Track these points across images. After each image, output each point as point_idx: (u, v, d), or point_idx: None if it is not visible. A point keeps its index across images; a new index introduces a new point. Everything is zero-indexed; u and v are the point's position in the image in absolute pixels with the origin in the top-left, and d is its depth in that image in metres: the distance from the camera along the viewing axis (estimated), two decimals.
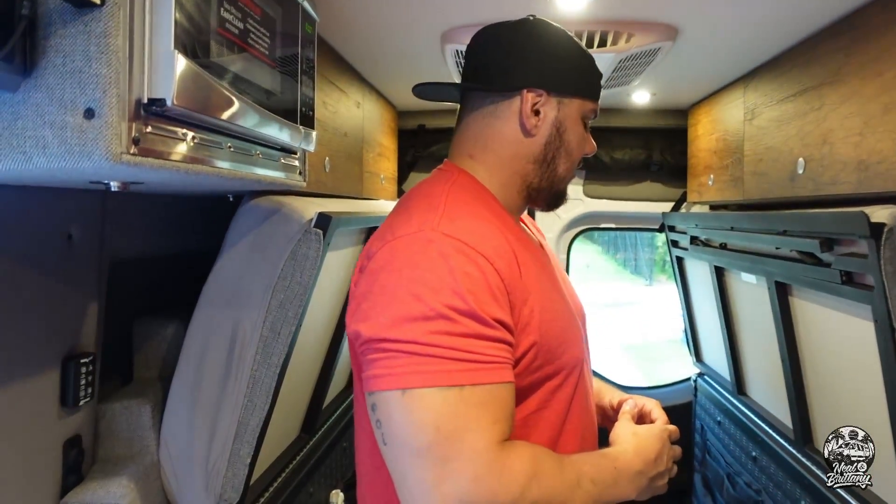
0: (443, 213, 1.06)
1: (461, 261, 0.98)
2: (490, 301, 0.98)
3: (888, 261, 1.51)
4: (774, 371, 2.48)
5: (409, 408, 0.94)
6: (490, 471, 0.92)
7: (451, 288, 0.96)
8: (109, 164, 0.80)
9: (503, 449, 0.95)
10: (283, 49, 1.29)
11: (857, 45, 1.68)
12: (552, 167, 1.21)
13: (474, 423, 0.94)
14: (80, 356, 1.42)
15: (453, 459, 0.92)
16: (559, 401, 1.13)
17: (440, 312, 0.95)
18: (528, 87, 1.18)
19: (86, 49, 0.79)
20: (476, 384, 0.95)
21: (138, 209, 1.64)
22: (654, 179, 3.48)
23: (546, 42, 1.21)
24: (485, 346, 0.97)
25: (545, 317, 1.08)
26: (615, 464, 1.10)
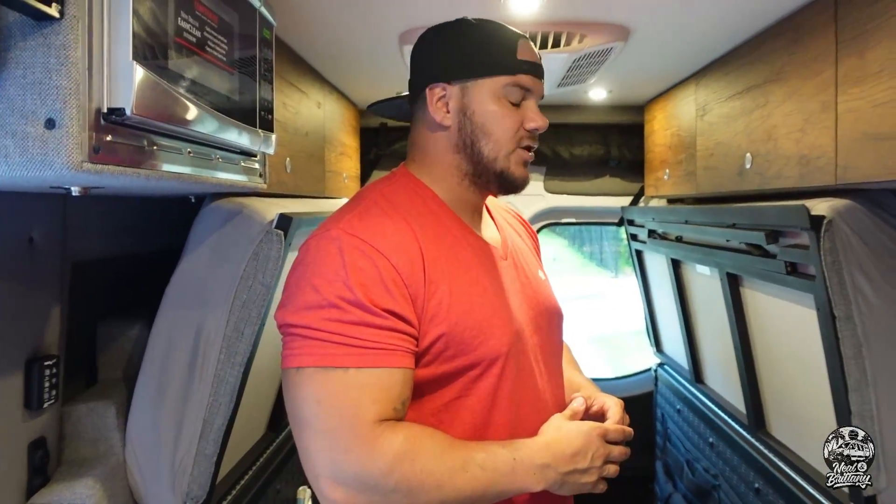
0: (356, 213, 1.18)
1: (356, 256, 1.09)
2: (382, 293, 1.08)
3: (828, 251, 1.58)
4: (728, 359, 2.57)
5: (299, 384, 1.07)
6: (361, 444, 1.03)
7: (342, 280, 1.07)
8: (70, 172, 0.82)
9: (378, 426, 1.04)
10: (240, 54, 1.31)
11: (798, 45, 1.75)
12: (475, 150, 1.24)
13: (353, 402, 1.04)
14: (44, 358, 1.42)
15: (329, 431, 1.04)
16: (481, 390, 1.17)
17: (331, 302, 1.06)
18: (429, 85, 1.25)
19: (45, 61, 0.81)
20: (360, 367, 1.06)
21: (100, 211, 1.65)
22: (612, 174, 3.55)
23: (445, 37, 1.27)
24: (372, 333, 1.07)
25: (457, 309, 1.15)
26: (515, 454, 1.11)
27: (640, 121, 3.37)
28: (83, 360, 1.70)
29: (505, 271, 1.29)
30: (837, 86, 1.57)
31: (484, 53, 1.23)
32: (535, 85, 1.26)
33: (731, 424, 2.65)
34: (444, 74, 1.24)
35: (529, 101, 1.26)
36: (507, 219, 1.47)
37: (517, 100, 1.24)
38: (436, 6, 1.80)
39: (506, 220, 1.46)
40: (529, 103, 1.26)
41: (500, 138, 1.23)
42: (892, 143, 1.37)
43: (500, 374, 1.18)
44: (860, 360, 1.61)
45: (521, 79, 1.23)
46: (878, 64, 1.42)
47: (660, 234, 2.99)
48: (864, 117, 1.47)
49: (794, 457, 2.16)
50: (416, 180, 1.29)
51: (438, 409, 1.16)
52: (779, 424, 2.33)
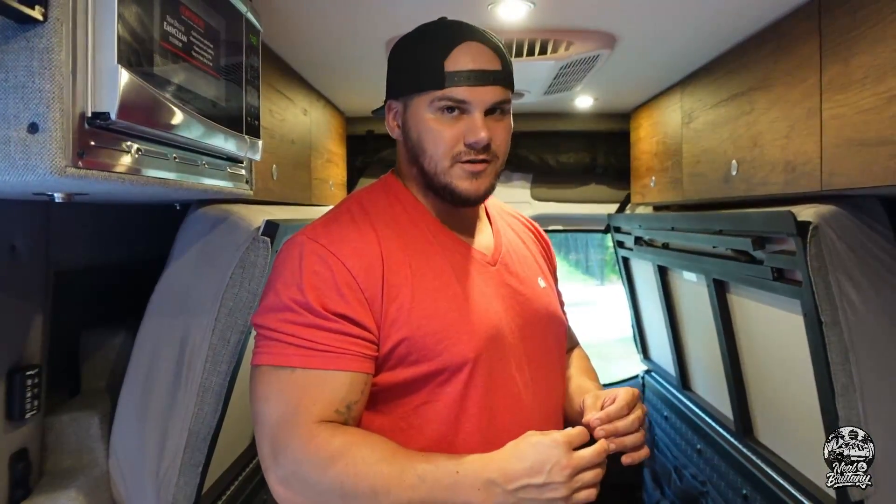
0: (325, 220, 1.22)
1: (313, 260, 1.13)
2: (335, 297, 1.11)
3: (814, 257, 1.59)
4: (715, 366, 2.57)
5: (255, 381, 1.12)
6: (298, 441, 1.06)
7: (296, 284, 1.11)
8: (54, 177, 0.81)
9: (317, 426, 1.07)
10: (227, 60, 1.30)
11: (782, 53, 1.76)
12: (419, 164, 1.23)
13: (295, 400, 1.08)
14: (26, 368, 1.40)
15: (272, 428, 1.08)
16: (448, 396, 1.16)
17: (286, 304, 1.11)
18: (386, 101, 1.28)
19: (28, 64, 0.80)
20: (307, 368, 1.09)
21: (83, 219, 1.63)
22: (599, 182, 3.56)
23: (395, 52, 1.28)
24: (323, 336, 1.10)
25: (419, 314, 1.15)
26: (459, 467, 1.04)
27: (626, 128, 3.38)
28: (66, 370, 1.68)
29: (489, 277, 1.27)
30: (822, 92, 1.58)
31: (414, 68, 1.21)
32: (473, 94, 1.17)
33: (718, 431, 2.65)
34: (392, 91, 1.27)
35: (471, 114, 1.18)
36: (514, 224, 1.45)
37: (455, 113, 1.18)
38: (421, 13, 1.78)
39: (510, 225, 1.44)
40: (471, 116, 1.18)
41: (434, 155, 1.20)
42: (877, 149, 1.38)
43: (467, 381, 1.16)
44: (847, 365, 1.62)
45: (453, 91, 1.17)
46: (862, 71, 1.43)
47: (646, 241, 3.00)
48: (849, 124, 1.48)
49: (781, 463, 2.16)
50: (400, 186, 1.29)
51: (407, 413, 1.17)
52: (766, 430, 2.33)
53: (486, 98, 1.18)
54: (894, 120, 1.33)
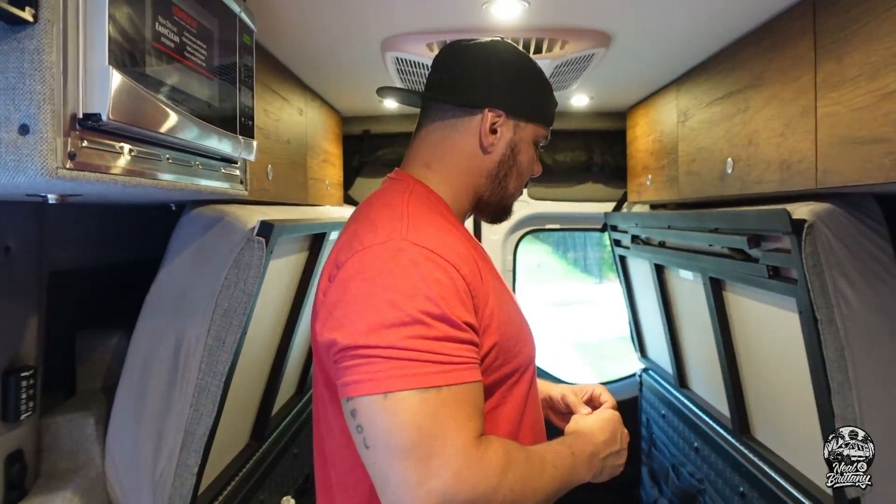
0: (408, 222, 1.11)
1: (431, 268, 1.03)
2: (458, 305, 1.04)
3: (809, 255, 1.59)
4: (712, 364, 2.57)
5: (392, 410, 0.97)
6: (470, 466, 0.96)
7: (424, 294, 1.01)
8: (45, 178, 0.81)
9: (480, 444, 0.99)
10: (220, 60, 1.30)
11: (776, 51, 1.76)
12: (503, 184, 1.28)
13: (452, 422, 0.98)
14: (21, 370, 1.40)
15: (436, 457, 0.96)
16: (516, 397, 1.19)
17: (416, 318, 0.99)
18: (489, 107, 1.25)
19: (19, 66, 0.80)
20: (452, 384, 1.00)
21: (78, 220, 1.63)
22: (595, 180, 3.56)
23: (512, 66, 1.28)
24: (457, 348, 1.02)
25: (503, 318, 1.15)
26: (571, 449, 1.16)
27: (622, 127, 3.38)
28: (62, 371, 1.68)
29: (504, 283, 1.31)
30: (816, 90, 1.58)
31: (541, 100, 1.32)
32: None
33: (715, 429, 2.65)
34: (506, 104, 1.26)
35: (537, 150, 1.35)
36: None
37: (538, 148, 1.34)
38: (418, 13, 1.80)
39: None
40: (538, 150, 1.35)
41: (524, 180, 1.32)
42: (872, 147, 1.38)
43: (530, 380, 1.24)
44: (842, 362, 1.62)
45: (549, 132, 1.34)
46: (855, 69, 1.43)
47: (643, 240, 2.99)
48: (843, 122, 1.48)
49: (778, 460, 2.16)
50: (430, 191, 1.25)
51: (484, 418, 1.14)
52: (762, 428, 2.34)
53: None
54: (888, 117, 1.33)
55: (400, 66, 2.17)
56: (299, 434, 2.67)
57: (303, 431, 2.72)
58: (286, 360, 2.37)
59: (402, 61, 2.12)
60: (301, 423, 2.72)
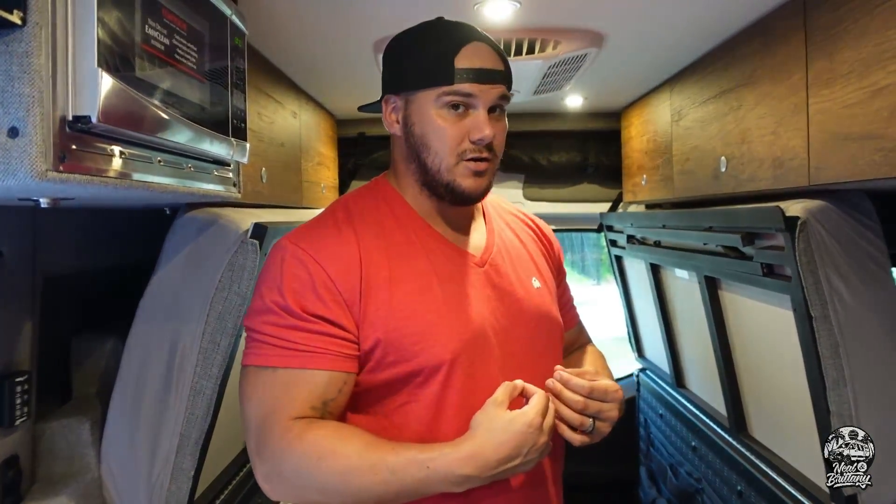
0: (310, 224, 1.26)
1: (293, 264, 1.17)
2: (312, 299, 1.15)
3: (803, 252, 1.59)
4: (709, 363, 2.58)
5: (242, 381, 1.17)
6: (275, 439, 1.10)
7: (277, 287, 1.15)
8: (35, 181, 0.80)
9: (293, 422, 1.11)
10: (212, 63, 1.30)
11: (768, 49, 1.77)
12: (420, 161, 1.23)
13: (276, 400, 1.13)
14: (15, 375, 1.40)
15: (258, 426, 1.13)
16: (426, 397, 1.18)
17: (269, 307, 1.15)
18: (384, 96, 1.29)
19: (7, 69, 0.79)
20: (287, 367, 1.13)
21: (71, 224, 1.63)
22: (590, 181, 3.57)
23: (395, 46, 1.29)
24: (301, 337, 1.14)
25: (396, 315, 1.17)
26: (430, 463, 1.07)
27: (616, 127, 3.38)
28: (56, 377, 1.67)
29: (476, 279, 1.27)
30: (808, 88, 1.58)
31: (421, 64, 1.21)
32: (480, 91, 1.19)
33: (712, 427, 2.66)
34: (392, 86, 1.27)
35: (477, 111, 1.20)
36: (512, 223, 1.44)
37: (460, 110, 1.20)
38: (410, 14, 1.79)
39: (509, 224, 1.43)
40: (476, 112, 1.20)
41: (440, 151, 1.21)
42: (863, 143, 1.38)
43: (444, 382, 1.18)
44: (837, 359, 1.62)
45: (461, 87, 1.19)
46: (846, 66, 1.43)
47: (638, 240, 3.00)
48: (835, 118, 1.48)
49: (775, 458, 2.17)
50: (389, 188, 1.31)
51: (389, 413, 1.20)
52: (759, 426, 2.34)
53: (491, 95, 1.21)
54: (879, 114, 1.34)
55: None
56: None
57: None
58: None
59: None
60: None
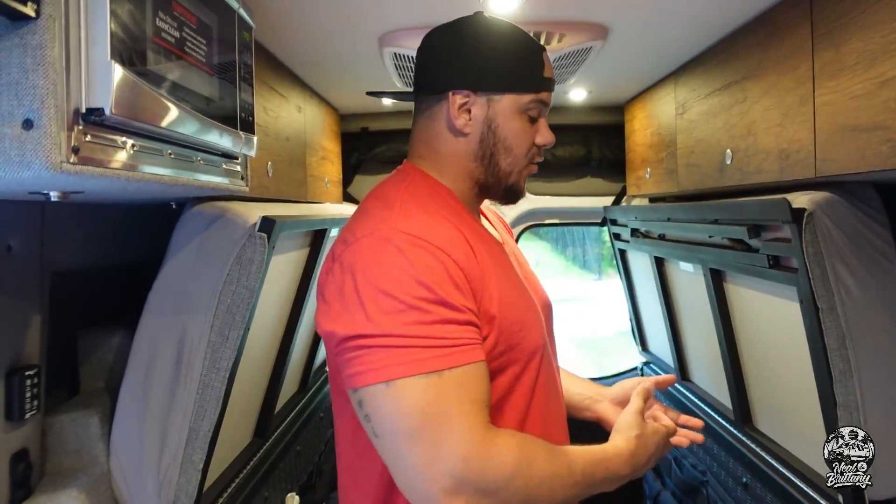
0: (398, 211, 1.12)
1: (419, 254, 1.04)
2: (453, 288, 1.04)
3: (809, 244, 1.59)
4: (714, 356, 2.58)
5: (395, 397, 0.99)
6: (478, 451, 0.98)
7: (415, 279, 1.02)
8: (49, 173, 0.81)
9: (489, 431, 1.01)
10: (220, 56, 1.30)
11: (774, 41, 1.77)
12: (493, 163, 1.24)
13: (456, 405, 0.99)
14: (25, 369, 1.40)
15: (442, 441, 0.97)
16: (523, 385, 1.17)
17: (410, 304, 1.01)
18: (452, 90, 1.21)
19: (22, 61, 0.80)
20: (454, 367, 1.01)
21: (79, 219, 1.63)
22: (594, 175, 3.57)
23: (474, 40, 1.22)
24: (455, 331, 1.03)
25: (504, 303, 1.14)
26: (608, 464, 1.14)
27: (620, 121, 3.38)
28: (64, 371, 1.68)
29: (514, 267, 1.30)
30: (814, 80, 1.58)
31: (514, 67, 1.21)
32: (550, 101, 1.27)
33: (717, 420, 2.66)
34: (470, 82, 1.21)
35: (542, 118, 1.27)
36: (493, 216, 1.48)
37: (536, 116, 1.25)
38: (415, 8, 1.80)
39: (490, 217, 1.46)
40: (542, 120, 1.27)
41: (518, 154, 1.24)
42: (870, 134, 1.38)
43: (538, 368, 1.20)
44: (844, 350, 1.62)
45: (543, 96, 1.24)
46: (853, 57, 1.43)
47: (643, 233, 3.00)
48: (841, 110, 1.48)
49: (780, 450, 2.17)
50: (429, 178, 1.26)
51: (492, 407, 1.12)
52: (765, 418, 2.34)
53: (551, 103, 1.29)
54: (886, 105, 1.33)
55: (398, 62, 2.17)
56: (302, 431, 2.67)
57: (306, 428, 2.73)
58: (289, 356, 2.37)
59: (399, 57, 2.12)
60: (304, 420, 2.72)
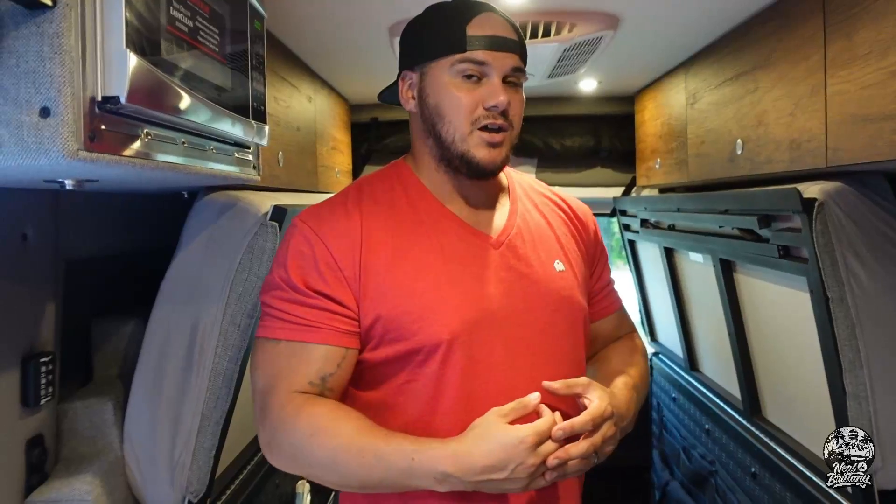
0: (322, 203, 1.29)
1: (299, 241, 1.21)
2: (314, 275, 1.19)
3: (820, 234, 1.59)
4: (723, 346, 2.58)
5: (252, 352, 1.24)
6: (272, 410, 1.16)
7: (284, 263, 1.21)
8: (66, 160, 0.82)
9: (292, 395, 1.16)
10: (232, 45, 1.31)
11: (785, 31, 1.76)
12: (435, 133, 1.23)
13: (278, 371, 1.18)
14: (40, 356, 1.42)
15: (262, 395, 1.19)
16: (426, 376, 1.18)
17: (276, 282, 1.20)
18: (400, 75, 1.30)
19: (39, 50, 0.80)
20: (289, 340, 1.18)
21: (92, 208, 1.64)
22: (604, 165, 3.56)
23: (410, 26, 1.31)
24: (302, 311, 1.18)
25: (396, 293, 1.19)
26: (415, 455, 1.07)
27: (630, 111, 3.37)
28: (78, 358, 1.70)
29: (490, 260, 1.25)
30: (826, 69, 1.58)
31: (434, 34, 1.24)
32: (493, 59, 1.19)
33: (726, 410, 2.66)
34: (406, 62, 1.29)
35: (490, 78, 1.20)
36: (541, 204, 1.40)
37: (474, 79, 1.20)
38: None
39: (537, 205, 1.39)
40: (490, 80, 1.20)
41: (454, 120, 1.21)
42: (881, 124, 1.38)
43: (443, 361, 1.17)
44: (854, 340, 1.62)
45: (474, 55, 1.19)
46: (865, 46, 1.43)
47: (652, 224, 3.00)
48: (853, 100, 1.48)
49: (789, 440, 2.17)
50: (405, 170, 1.32)
51: (392, 391, 1.22)
52: (774, 409, 2.34)
53: (506, 63, 1.21)
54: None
55: None
56: None
57: None
58: None
59: None
60: None
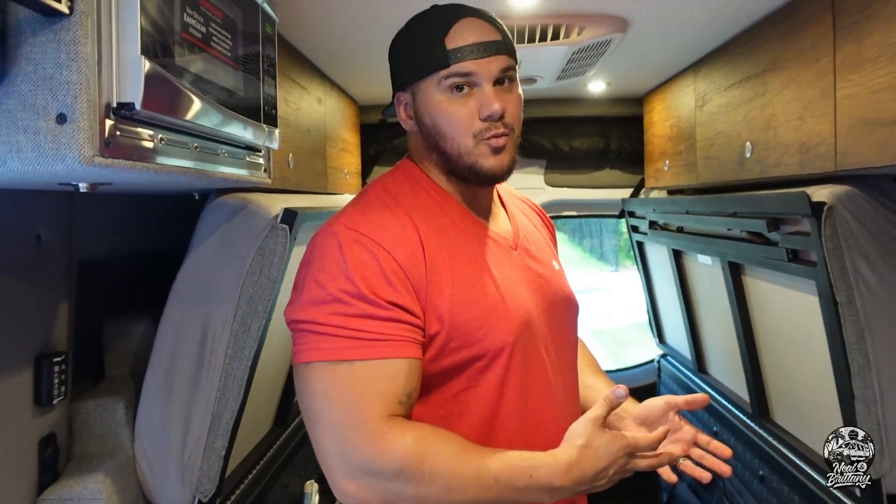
0: (358, 208, 1.20)
1: (356, 250, 1.11)
2: (383, 285, 1.10)
3: (829, 237, 1.59)
4: (731, 348, 2.58)
5: (309, 379, 1.09)
6: (369, 440, 1.04)
7: (344, 274, 1.09)
8: (82, 166, 0.83)
9: (386, 422, 1.05)
10: (244, 50, 1.32)
11: (795, 34, 1.76)
12: (439, 149, 1.22)
13: (359, 395, 1.06)
14: (53, 355, 1.43)
15: (338, 426, 1.05)
16: (488, 381, 1.17)
17: (335, 296, 1.08)
18: (394, 96, 1.29)
19: (56, 57, 0.82)
20: (365, 359, 1.07)
21: (105, 209, 1.66)
22: (612, 166, 3.56)
23: (394, 44, 1.29)
24: (375, 325, 1.08)
25: (459, 300, 1.15)
26: (533, 472, 1.07)
27: (639, 112, 3.37)
28: (90, 358, 1.71)
29: (514, 262, 1.28)
30: (836, 72, 1.58)
31: (415, 53, 1.22)
32: (479, 66, 1.17)
33: (734, 413, 2.66)
34: (397, 83, 1.28)
35: (481, 87, 1.18)
36: (522, 209, 1.46)
37: (464, 90, 1.18)
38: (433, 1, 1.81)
39: (521, 210, 1.44)
40: (481, 89, 1.18)
41: (455, 136, 1.19)
42: (891, 128, 1.38)
43: (506, 365, 1.18)
44: (862, 344, 1.62)
45: (458, 67, 1.17)
46: (875, 50, 1.43)
47: (661, 225, 3.00)
48: (863, 103, 1.48)
49: (797, 443, 2.17)
50: (419, 172, 1.29)
51: (448, 400, 1.17)
52: (782, 412, 2.34)
53: (493, 68, 1.18)
54: None
55: None
56: None
57: None
58: None
59: None
60: None
